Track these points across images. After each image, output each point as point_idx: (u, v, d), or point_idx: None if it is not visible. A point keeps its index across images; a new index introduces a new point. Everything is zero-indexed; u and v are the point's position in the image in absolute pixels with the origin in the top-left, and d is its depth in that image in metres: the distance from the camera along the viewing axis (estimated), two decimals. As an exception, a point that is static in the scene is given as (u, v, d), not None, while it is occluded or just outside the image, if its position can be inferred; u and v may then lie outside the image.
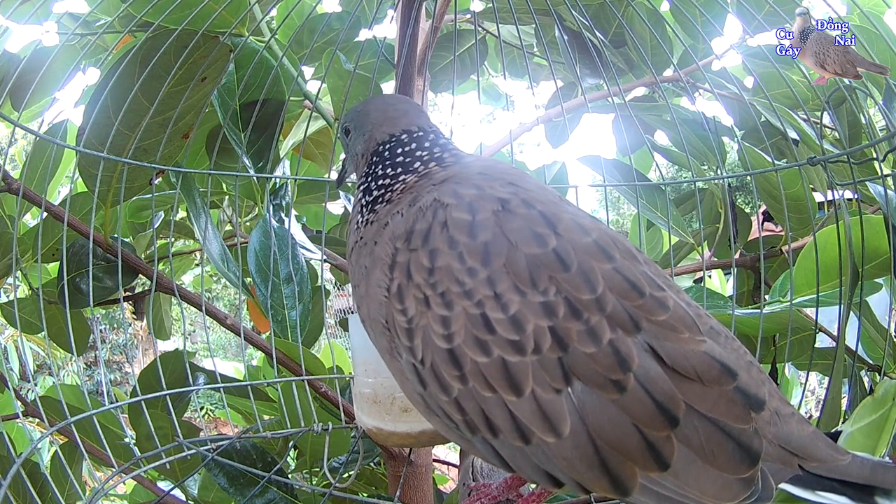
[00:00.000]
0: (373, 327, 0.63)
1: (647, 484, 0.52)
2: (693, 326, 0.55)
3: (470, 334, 0.54)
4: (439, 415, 0.58)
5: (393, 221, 0.62)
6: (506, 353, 0.53)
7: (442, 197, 0.59)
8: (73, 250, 1.23)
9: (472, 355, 0.54)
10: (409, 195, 0.65)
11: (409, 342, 0.57)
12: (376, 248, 0.62)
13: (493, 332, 0.53)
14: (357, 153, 0.74)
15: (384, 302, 0.59)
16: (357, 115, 0.75)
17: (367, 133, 0.73)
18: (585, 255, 0.55)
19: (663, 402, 0.52)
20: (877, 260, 1.04)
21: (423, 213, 0.59)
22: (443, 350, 0.55)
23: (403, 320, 0.57)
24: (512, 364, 0.53)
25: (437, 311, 0.55)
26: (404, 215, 0.61)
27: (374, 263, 0.61)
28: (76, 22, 1.33)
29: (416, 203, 0.61)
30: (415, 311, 0.56)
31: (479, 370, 0.53)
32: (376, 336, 0.62)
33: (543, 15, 1.26)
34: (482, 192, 0.59)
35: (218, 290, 7.18)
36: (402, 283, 0.57)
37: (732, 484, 0.52)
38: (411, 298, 0.57)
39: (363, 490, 1.41)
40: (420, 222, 0.59)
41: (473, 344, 0.54)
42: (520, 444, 0.54)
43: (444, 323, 0.55)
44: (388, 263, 0.59)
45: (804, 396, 1.45)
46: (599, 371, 0.52)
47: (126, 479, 1.25)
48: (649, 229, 1.69)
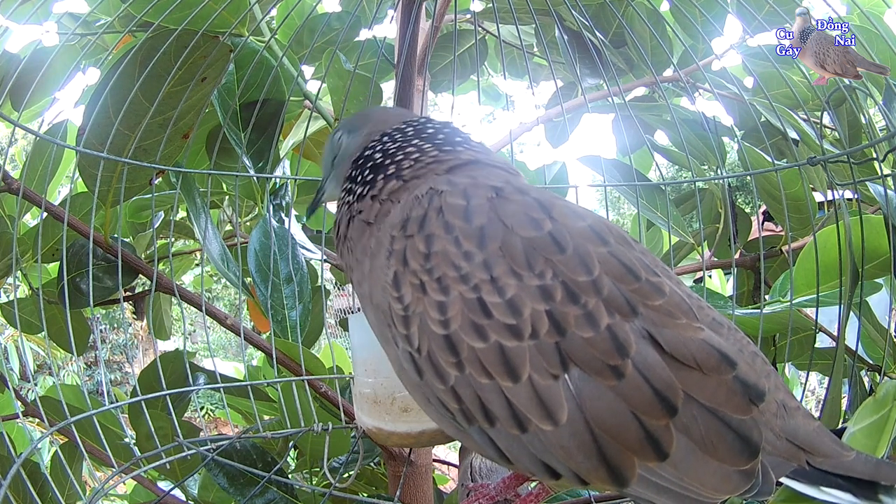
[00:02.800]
0: (373, 311, 0.62)
1: (646, 475, 0.51)
2: (689, 313, 0.55)
3: (466, 319, 0.53)
4: (435, 404, 0.58)
5: (392, 210, 0.62)
6: (503, 338, 0.52)
7: (437, 185, 0.60)
8: (73, 250, 1.23)
9: (469, 341, 0.53)
10: (408, 188, 0.64)
11: (406, 330, 0.56)
12: (379, 232, 0.62)
13: (489, 317, 0.53)
14: (350, 154, 0.73)
15: (385, 289, 0.59)
16: (355, 119, 0.75)
17: (367, 130, 0.73)
18: (581, 239, 0.55)
19: (661, 390, 0.51)
20: (877, 260, 1.04)
21: (419, 200, 0.59)
22: (439, 336, 0.54)
23: (399, 308, 0.57)
24: (509, 349, 0.52)
25: (433, 297, 0.55)
26: (401, 204, 0.61)
27: (378, 246, 0.61)
28: (76, 22, 1.32)
29: (412, 193, 0.62)
30: (411, 298, 0.56)
31: (476, 356, 0.53)
32: (377, 320, 0.62)
33: (543, 15, 1.26)
34: (476, 181, 0.60)
35: (218, 290, 7.18)
36: (398, 271, 0.57)
37: (732, 475, 0.51)
38: (407, 285, 0.56)
39: (363, 490, 1.41)
40: (416, 209, 0.59)
41: (470, 329, 0.53)
42: (516, 433, 0.53)
43: (441, 308, 0.54)
44: (387, 252, 0.59)
45: (804, 396, 1.45)
46: (597, 356, 0.51)
47: (126, 479, 1.25)
48: (649, 229, 1.69)
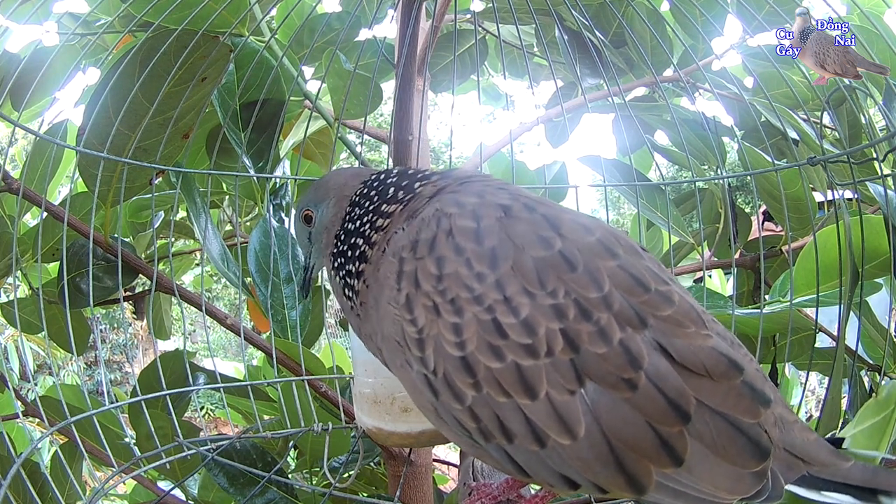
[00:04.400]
0: (387, 346, 0.61)
1: (663, 481, 0.52)
2: (698, 320, 0.56)
3: (483, 340, 0.53)
4: (451, 424, 0.58)
5: (393, 239, 0.61)
6: (519, 358, 0.53)
7: (444, 207, 0.59)
8: (73, 250, 1.23)
9: (486, 361, 0.53)
10: (402, 217, 0.64)
11: (421, 352, 0.56)
12: (379, 272, 0.61)
13: (505, 337, 0.53)
14: (324, 227, 0.71)
15: (396, 317, 0.58)
16: (315, 192, 0.73)
17: (334, 198, 0.71)
18: (590, 255, 0.55)
19: (674, 399, 0.52)
20: (877, 260, 1.04)
21: (427, 223, 0.59)
22: (455, 358, 0.54)
23: (413, 331, 0.56)
24: (526, 368, 0.52)
25: (447, 319, 0.55)
26: (406, 229, 0.61)
27: (381, 287, 0.61)
28: (76, 22, 1.32)
29: (415, 216, 0.61)
30: (425, 321, 0.56)
31: (493, 376, 0.53)
32: (391, 354, 0.61)
33: (543, 15, 1.26)
34: (483, 200, 0.59)
35: (218, 290, 7.17)
36: (410, 293, 0.57)
37: (745, 477, 0.52)
38: (420, 307, 0.56)
39: (363, 490, 1.41)
40: (424, 231, 0.58)
41: (486, 350, 0.53)
42: (535, 448, 0.53)
43: (456, 330, 0.54)
44: (395, 275, 0.58)
45: (804, 396, 1.45)
46: (611, 370, 0.52)
47: (126, 479, 1.25)
48: (649, 229, 1.69)
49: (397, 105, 1.07)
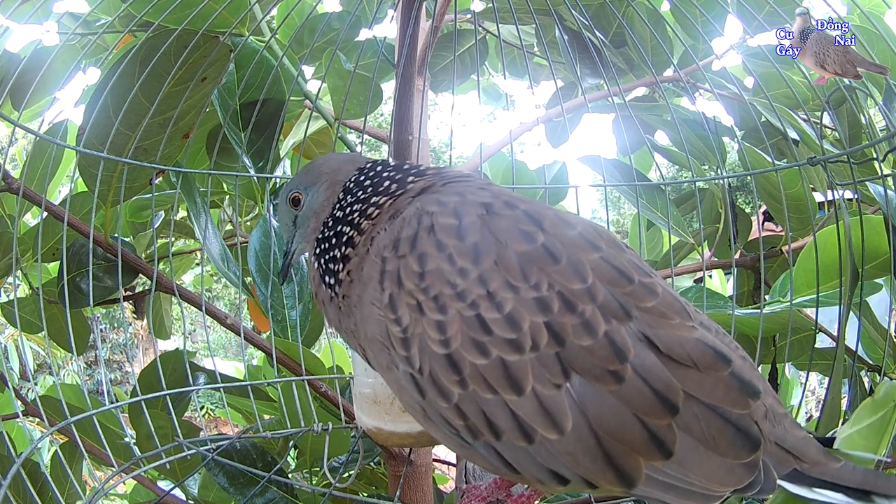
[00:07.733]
0: (372, 347, 0.61)
1: (652, 474, 0.52)
2: (683, 312, 0.56)
3: (467, 337, 0.53)
4: (438, 422, 0.58)
5: (376, 239, 0.61)
6: (504, 353, 0.53)
7: (425, 206, 0.59)
8: (73, 250, 1.23)
9: (471, 358, 0.53)
10: (386, 215, 0.63)
11: (406, 351, 0.56)
12: (363, 271, 0.61)
13: (489, 333, 0.53)
14: (313, 211, 0.70)
15: (380, 318, 0.58)
16: (306, 175, 0.72)
17: (327, 182, 0.70)
18: (573, 248, 0.56)
19: (662, 391, 0.52)
20: (877, 260, 1.04)
21: (408, 221, 0.59)
22: (440, 356, 0.54)
23: (398, 330, 0.56)
24: (511, 363, 0.52)
25: (431, 317, 0.55)
26: (388, 229, 0.60)
27: (364, 286, 0.60)
28: (76, 22, 1.32)
29: (397, 216, 0.61)
30: (409, 320, 0.56)
31: (479, 372, 0.53)
32: (376, 355, 0.61)
33: (543, 15, 1.26)
34: (464, 198, 0.59)
35: (218, 290, 7.17)
36: (393, 293, 0.57)
37: (735, 469, 0.52)
38: (404, 306, 0.56)
39: (363, 490, 1.41)
40: (406, 230, 0.58)
41: (471, 346, 0.53)
42: (523, 444, 0.53)
43: (440, 328, 0.54)
44: (378, 274, 0.58)
45: (804, 396, 1.45)
46: (597, 363, 0.52)
47: (126, 479, 1.25)
48: (649, 229, 1.69)
49: (397, 105, 1.07)
